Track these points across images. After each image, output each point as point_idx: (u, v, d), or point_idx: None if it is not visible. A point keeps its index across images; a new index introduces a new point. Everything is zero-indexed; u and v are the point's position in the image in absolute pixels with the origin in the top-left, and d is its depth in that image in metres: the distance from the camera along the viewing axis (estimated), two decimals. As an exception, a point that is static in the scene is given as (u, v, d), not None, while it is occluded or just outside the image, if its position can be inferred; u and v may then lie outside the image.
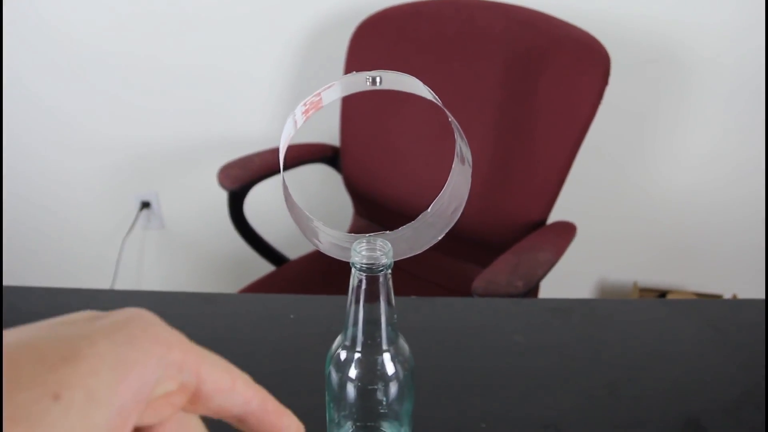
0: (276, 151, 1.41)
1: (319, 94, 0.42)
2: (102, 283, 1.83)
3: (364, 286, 0.47)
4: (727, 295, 1.72)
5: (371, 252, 0.47)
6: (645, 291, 1.74)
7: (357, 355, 0.51)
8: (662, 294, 1.73)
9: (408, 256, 0.47)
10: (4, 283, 1.85)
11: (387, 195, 1.39)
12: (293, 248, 1.49)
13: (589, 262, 1.75)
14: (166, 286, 1.93)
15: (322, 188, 1.68)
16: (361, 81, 0.41)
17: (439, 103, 0.41)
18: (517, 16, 1.24)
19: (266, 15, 1.50)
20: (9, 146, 1.70)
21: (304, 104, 0.42)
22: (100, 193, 1.77)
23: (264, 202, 1.51)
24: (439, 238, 0.47)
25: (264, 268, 1.49)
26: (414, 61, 1.32)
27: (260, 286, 1.32)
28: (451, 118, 0.42)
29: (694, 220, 1.67)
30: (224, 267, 1.86)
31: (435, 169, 1.32)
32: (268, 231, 1.47)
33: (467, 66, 1.26)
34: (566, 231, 1.15)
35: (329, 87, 0.42)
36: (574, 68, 1.15)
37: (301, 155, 1.44)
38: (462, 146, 0.45)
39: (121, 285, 1.85)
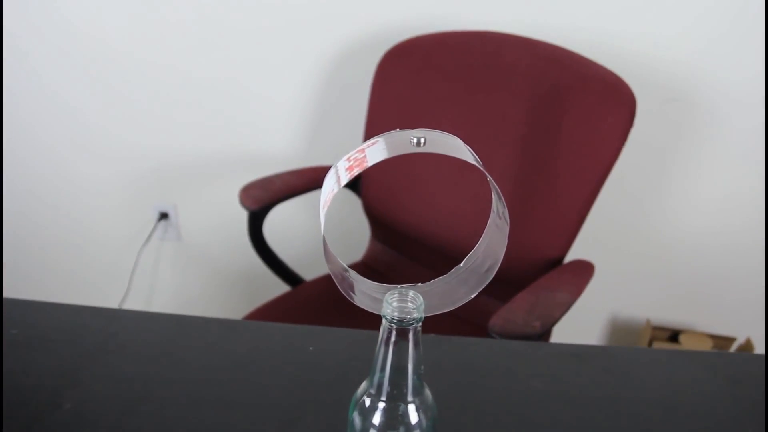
0: (297, 173, 1.42)
1: (363, 150, 0.42)
2: (116, 290, 1.85)
3: (393, 338, 0.48)
4: (741, 338, 1.71)
5: (402, 304, 0.47)
6: (657, 329, 1.73)
7: (382, 404, 0.51)
8: (675, 333, 1.72)
9: (440, 312, 0.47)
10: (20, 287, 1.86)
11: (405, 221, 1.40)
12: (309, 269, 1.50)
13: (603, 298, 1.75)
14: (179, 298, 1.94)
15: (340, 211, 1.68)
16: (406, 141, 0.42)
17: (481, 166, 0.41)
18: (544, 53, 1.25)
19: (294, 36, 1.51)
20: (30, 149, 1.72)
21: (348, 159, 0.42)
22: (120, 200, 1.79)
23: (282, 222, 1.52)
24: (472, 296, 0.47)
25: (278, 285, 1.50)
26: (438, 91, 1.33)
27: (275, 307, 1.33)
28: (489, 179, 0.43)
29: (709, 261, 1.66)
30: (238, 282, 1.87)
31: (455, 198, 1.32)
32: (284, 250, 1.48)
33: (491, 99, 1.27)
34: (584, 271, 1.15)
35: (373, 144, 0.42)
36: (600, 109, 1.15)
37: (320, 177, 1.44)
38: (499, 205, 0.45)
39: (134, 294, 1.86)
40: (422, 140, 0.41)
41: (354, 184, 1.48)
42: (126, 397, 0.70)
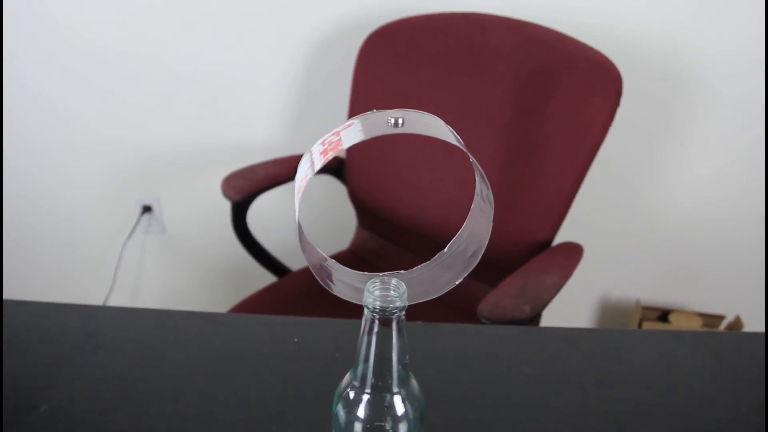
0: (280, 161, 1.40)
1: (338, 133, 0.40)
2: (101, 285, 1.82)
3: (376, 328, 0.46)
4: (730, 316, 1.71)
5: (385, 293, 0.45)
6: (647, 309, 1.73)
7: (366, 396, 0.49)
8: (665, 313, 1.72)
9: (423, 300, 0.45)
10: (3, 282, 1.83)
11: (391, 208, 1.38)
12: (295, 259, 1.48)
13: (592, 279, 1.74)
14: (165, 292, 1.91)
15: (326, 199, 1.66)
16: (383, 121, 0.40)
17: (463, 146, 0.39)
18: (529, 33, 1.22)
19: (275, 22, 1.48)
20: (11, 143, 1.68)
21: (323, 143, 0.40)
22: (102, 194, 1.76)
23: (267, 213, 1.50)
24: (456, 282, 0.45)
25: (264, 276, 1.48)
26: (423, 74, 1.30)
27: (261, 298, 1.31)
28: (472, 160, 0.41)
29: (698, 240, 1.65)
30: (224, 274, 1.85)
31: (440, 184, 1.31)
32: (270, 240, 1.46)
33: (477, 81, 1.25)
34: (573, 253, 1.13)
35: (348, 126, 0.40)
36: (586, 89, 1.14)
37: (305, 165, 1.42)
38: (483, 187, 0.43)
39: (119, 289, 1.84)
40: (400, 120, 0.39)
41: (339, 172, 1.46)
42: (105, 396, 0.68)
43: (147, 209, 1.75)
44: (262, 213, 1.46)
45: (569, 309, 1.71)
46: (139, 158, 1.69)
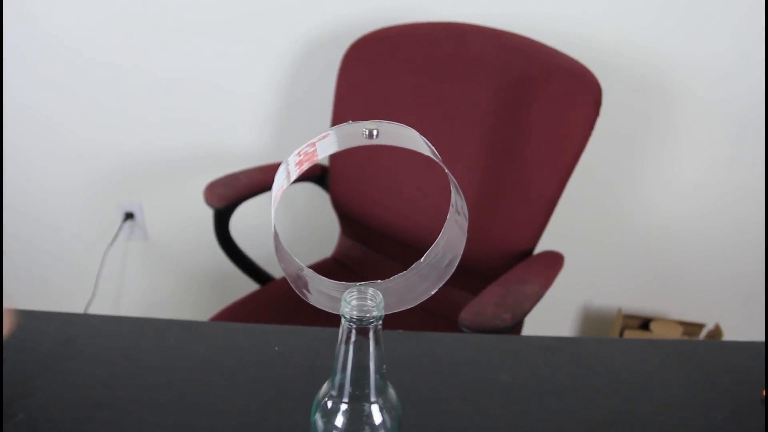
0: (263, 169, 1.40)
1: (313, 144, 0.40)
2: (82, 293, 1.80)
3: (353, 338, 0.46)
4: (710, 324, 1.73)
5: (362, 302, 0.46)
6: (629, 318, 1.74)
7: (344, 405, 0.50)
8: (646, 321, 1.73)
9: (400, 310, 0.46)
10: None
11: (374, 216, 1.38)
12: (277, 267, 1.47)
13: (574, 288, 1.75)
14: (147, 300, 1.90)
15: (309, 207, 1.66)
16: (358, 133, 0.40)
17: (438, 158, 0.40)
18: (510, 43, 1.24)
19: (258, 30, 1.49)
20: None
21: (298, 154, 0.41)
22: (83, 201, 1.75)
23: (249, 220, 1.50)
24: (432, 292, 0.46)
25: (247, 284, 1.47)
26: (405, 83, 1.31)
27: (243, 306, 1.31)
28: (447, 172, 0.42)
29: (678, 249, 1.67)
30: (207, 282, 1.84)
31: (423, 192, 1.31)
32: (253, 248, 1.46)
33: (458, 90, 1.26)
34: (554, 262, 1.14)
35: (324, 137, 0.41)
36: (566, 98, 1.15)
37: (288, 173, 1.42)
38: (458, 199, 0.44)
39: (101, 296, 1.82)
40: (374, 132, 0.40)
41: (322, 180, 1.46)
42: (83, 404, 0.68)
43: (129, 216, 1.74)
44: (245, 221, 1.46)
45: (551, 318, 1.72)
46: (121, 165, 1.68)
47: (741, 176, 1.55)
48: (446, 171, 0.41)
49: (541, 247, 1.23)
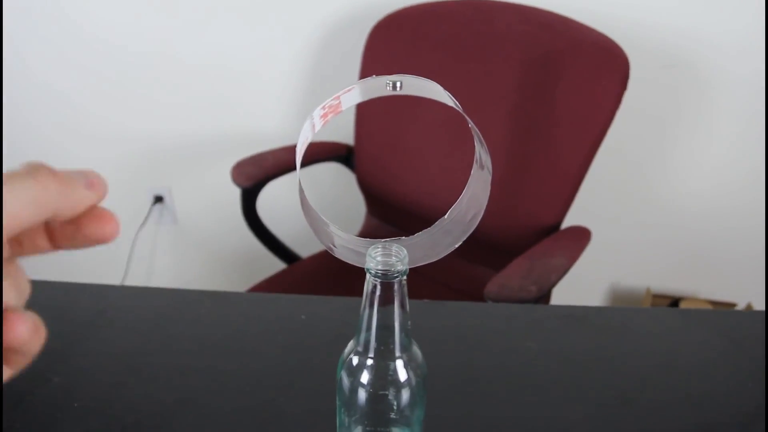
0: (290, 149, 1.41)
1: (338, 97, 0.41)
2: (113, 276, 1.84)
3: (378, 292, 0.47)
4: (741, 304, 1.70)
5: (386, 258, 0.46)
6: (658, 297, 1.72)
7: (369, 361, 0.50)
8: (675, 301, 1.72)
9: (424, 263, 0.46)
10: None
11: (400, 195, 1.38)
12: (305, 246, 1.49)
13: (602, 267, 1.74)
14: (177, 282, 1.93)
15: (335, 187, 1.67)
16: (381, 85, 0.41)
17: (460, 109, 0.40)
18: (536, 19, 1.23)
19: (283, 12, 1.49)
20: (21, 135, 1.70)
21: (323, 107, 0.41)
22: (114, 185, 1.74)
23: (277, 200, 1.51)
24: (456, 245, 0.46)
25: (276, 265, 1.49)
26: (430, 61, 1.31)
27: (271, 284, 1.32)
28: (471, 124, 0.42)
29: (709, 227, 1.65)
30: (236, 264, 1.86)
31: (450, 171, 1.31)
32: (281, 228, 1.47)
33: (484, 67, 1.25)
34: (581, 236, 1.14)
35: (348, 90, 0.41)
36: (593, 72, 1.14)
37: (314, 153, 1.43)
38: (482, 152, 0.44)
39: (132, 279, 1.86)
40: (398, 84, 0.40)
41: (348, 160, 1.47)
42: (115, 370, 0.69)
43: (159, 199, 1.77)
44: (273, 201, 1.47)
45: (580, 297, 1.71)
46: (150, 149, 1.71)
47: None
48: (470, 124, 0.41)
49: (570, 225, 1.22)
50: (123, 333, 0.75)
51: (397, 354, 0.50)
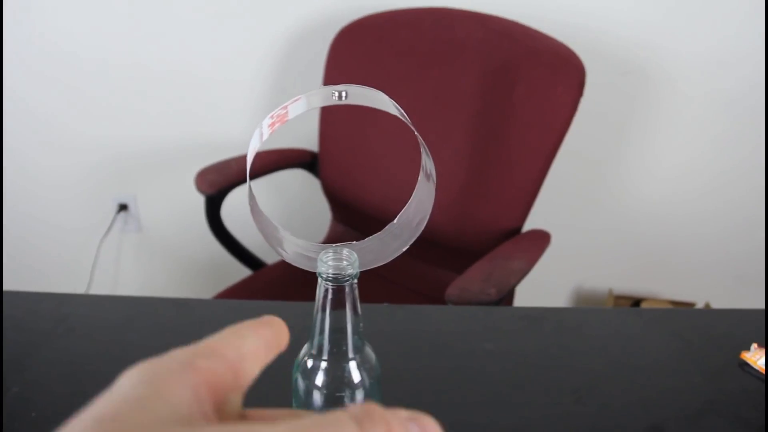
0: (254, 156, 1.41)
1: (285, 107, 0.42)
2: (77, 285, 1.82)
3: (330, 296, 0.48)
4: (700, 303, 1.75)
5: (337, 262, 0.47)
6: (620, 298, 1.76)
7: (323, 364, 0.51)
8: (637, 302, 1.75)
9: (373, 267, 0.48)
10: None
11: (365, 201, 1.40)
12: (270, 252, 1.49)
13: (565, 270, 1.77)
14: (142, 290, 1.92)
15: (300, 193, 1.68)
16: (327, 95, 0.42)
17: (405, 118, 0.42)
18: (495, 27, 1.25)
19: (247, 19, 1.50)
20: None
21: (271, 116, 0.42)
22: (77, 193, 1.76)
23: (241, 207, 1.50)
24: (404, 249, 0.47)
25: (241, 272, 1.49)
26: (392, 68, 1.33)
27: (236, 291, 1.32)
28: (417, 134, 0.43)
29: (669, 230, 1.69)
30: (202, 271, 1.86)
31: (413, 176, 1.32)
32: (246, 235, 1.47)
33: (445, 74, 1.27)
34: (540, 239, 1.16)
35: (296, 101, 0.42)
36: (550, 79, 1.16)
37: (279, 160, 1.44)
38: (427, 162, 0.46)
39: (96, 288, 1.84)
40: (344, 94, 0.41)
41: (312, 166, 1.48)
42: (75, 378, 0.69)
43: (123, 207, 1.76)
44: (238, 208, 1.47)
45: (543, 300, 1.74)
46: (114, 156, 1.70)
47: (726, 160, 1.57)
48: (416, 133, 0.42)
49: (532, 229, 1.24)
50: (84, 341, 0.75)
51: (351, 356, 0.51)
